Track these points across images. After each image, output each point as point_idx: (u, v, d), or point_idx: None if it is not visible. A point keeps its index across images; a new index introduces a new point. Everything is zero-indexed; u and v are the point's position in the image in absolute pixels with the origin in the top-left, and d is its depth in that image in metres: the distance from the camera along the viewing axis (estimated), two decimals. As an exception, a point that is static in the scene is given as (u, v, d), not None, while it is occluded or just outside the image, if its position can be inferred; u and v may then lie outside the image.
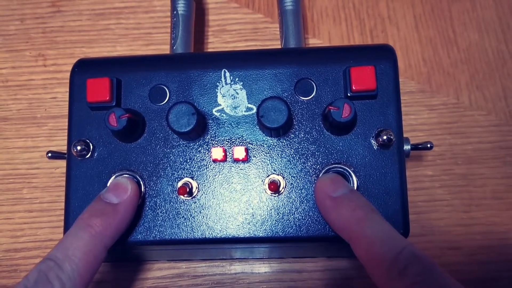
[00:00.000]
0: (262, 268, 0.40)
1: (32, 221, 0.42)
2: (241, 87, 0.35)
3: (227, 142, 0.34)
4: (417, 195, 0.42)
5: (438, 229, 0.41)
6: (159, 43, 0.46)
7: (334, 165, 0.33)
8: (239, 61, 0.36)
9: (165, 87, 0.35)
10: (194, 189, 0.34)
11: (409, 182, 0.40)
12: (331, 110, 0.32)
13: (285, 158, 0.34)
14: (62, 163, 0.42)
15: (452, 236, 0.41)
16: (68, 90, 0.36)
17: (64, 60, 0.46)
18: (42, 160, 0.44)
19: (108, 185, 0.34)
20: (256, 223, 0.34)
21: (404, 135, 0.35)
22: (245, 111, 0.35)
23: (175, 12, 0.42)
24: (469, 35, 0.46)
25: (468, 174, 0.42)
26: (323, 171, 0.33)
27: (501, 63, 0.45)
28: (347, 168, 0.33)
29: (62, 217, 0.35)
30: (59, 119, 0.45)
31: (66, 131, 0.36)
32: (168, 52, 0.41)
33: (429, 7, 0.47)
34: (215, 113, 0.35)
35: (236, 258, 0.41)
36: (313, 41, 0.47)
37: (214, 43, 0.47)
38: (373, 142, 0.34)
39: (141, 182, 0.34)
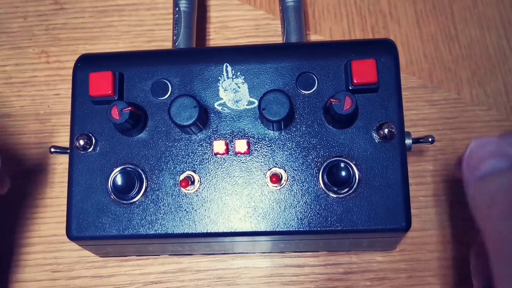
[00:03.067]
0: (264, 262, 0.41)
1: (35, 217, 0.42)
2: (243, 81, 0.35)
3: (228, 136, 0.35)
4: (418, 189, 0.42)
5: (440, 223, 0.41)
6: (161, 40, 0.47)
7: (335, 158, 0.34)
8: (240, 55, 0.36)
9: (167, 82, 0.36)
10: (196, 183, 0.34)
11: (410, 177, 0.40)
12: (333, 103, 0.32)
13: (286, 151, 0.34)
14: (65, 159, 0.42)
15: (453, 230, 0.41)
16: (71, 86, 0.37)
17: (67, 57, 0.47)
18: (45, 156, 0.44)
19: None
20: (258, 216, 0.34)
21: (406, 130, 0.35)
22: (246, 105, 0.35)
23: (177, 9, 0.42)
24: (470, 31, 0.46)
25: (469, 169, 0.42)
26: (324, 164, 0.34)
27: (502, 59, 0.45)
28: (349, 161, 0.33)
29: (65, 213, 0.35)
30: (62, 115, 0.45)
31: (69, 127, 0.36)
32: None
33: (430, 4, 0.47)
34: (217, 107, 0.35)
35: (238, 253, 0.41)
36: (315, 38, 0.47)
37: (216, 40, 0.47)
38: (374, 135, 0.34)
39: (143, 176, 0.34)
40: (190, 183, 0.34)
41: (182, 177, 0.34)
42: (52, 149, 0.37)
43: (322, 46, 0.36)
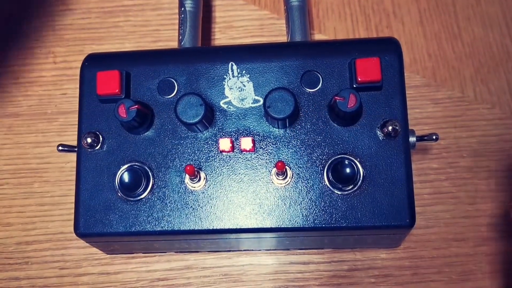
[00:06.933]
0: (269, 260, 0.41)
1: (43, 215, 0.43)
2: (248, 80, 0.36)
3: (234, 134, 0.35)
4: (422, 187, 0.42)
5: (443, 221, 0.41)
6: (166, 40, 0.47)
7: (340, 156, 0.34)
8: (246, 54, 0.36)
9: (173, 80, 0.36)
10: (202, 180, 0.34)
11: (414, 175, 0.41)
12: (337, 100, 0.32)
13: (291, 149, 0.34)
14: (72, 158, 0.42)
15: (457, 228, 0.41)
16: (77, 86, 0.37)
17: (74, 57, 0.47)
18: (53, 155, 0.44)
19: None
20: (263, 213, 0.34)
21: (410, 128, 0.35)
22: (252, 103, 0.35)
23: (182, 8, 0.42)
24: (473, 29, 0.46)
25: (473, 166, 0.42)
26: (329, 161, 0.34)
27: (505, 57, 0.45)
28: (353, 159, 0.34)
29: (73, 210, 0.36)
30: (69, 114, 0.45)
31: (76, 126, 0.37)
32: (176, 48, 0.42)
33: (434, 2, 0.47)
34: (223, 105, 0.35)
35: (244, 250, 0.41)
36: (319, 37, 0.47)
37: (221, 40, 0.47)
38: (378, 132, 0.34)
39: (149, 173, 0.35)
40: (195, 171, 0.33)
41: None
42: (60, 148, 0.37)
43: (327, 45, 0.37)
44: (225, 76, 0.36)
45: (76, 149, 0.36)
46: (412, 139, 0.35)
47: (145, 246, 0.39)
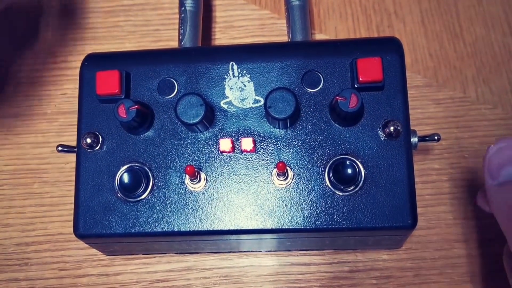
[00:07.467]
0: (270, 261, 0.41)
1: (43, 215, 0.43)
2: (249, 80, 0.35)
3: (235, 134, 0.35)
4: (424, 188, 0.42)
5: (445, 222, 0.41)
6: (167, 40, 0.47)
7: (341, 156, 0.34)
8: (246, 54, 0.36)
9: (173, 80, 0.36)
10: (202, 181, 0.34)
11: (416, 176, 0.40)
12: (338, 100, 0.32)
13: (292, 149, 0.34)
14: (72, 158, 0.42)
15: (459, 229, 0.41)
16: (77, 86, 0.37)
17: (74, 57, 0.47)
18: (52, 155, 0.44)
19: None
20: (264, 214, 0.34)
21: (411, 128, 0.35)
22: (252, 103, 0.35)
23: (183, 8, 0.42)
24: (475, 29, 0.46)
25: (475, 167, 0.42)
26: (330, 162, 0.34)
27: (507, 57, 0.45)
28: (355, 159, 0.33)
29: (72, 211, 0.35)
30: (69, 115, 0.45)
31: (76, 127, 0.36)
32: (176, 48, 0.42)
33: (435, 2, 0.47)
34: (223, 105, 0.35)
35: (244, 251, 0.41)
36: (320, 37, 0.47)
37: (221, 40, 0.47)
38: (380, 133, 0.34)
39: (149, 174, 0.34)
40: (195, 172, 0.33)
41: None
42: (60, 148, 0.37)
43: (328, 45, 0.37)
44: (225, 76, 0.36)
45: (76, 149, 0.36)
46: (413, 139, 0.35)
47: (145, 247, 0.39)
